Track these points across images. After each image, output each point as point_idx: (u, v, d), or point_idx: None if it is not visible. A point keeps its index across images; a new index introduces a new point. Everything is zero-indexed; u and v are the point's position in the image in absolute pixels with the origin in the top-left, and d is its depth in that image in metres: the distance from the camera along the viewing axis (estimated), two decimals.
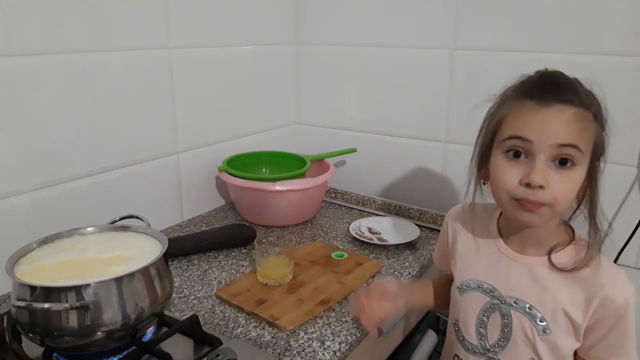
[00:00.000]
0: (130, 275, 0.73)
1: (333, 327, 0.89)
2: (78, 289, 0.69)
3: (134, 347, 0.77)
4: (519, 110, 0.71)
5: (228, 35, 1.34)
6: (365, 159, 1.50)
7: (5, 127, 0.93)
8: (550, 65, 0.74)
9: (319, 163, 1.43)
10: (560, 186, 0.69)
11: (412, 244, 1.20)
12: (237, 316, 0.92)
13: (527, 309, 0.78)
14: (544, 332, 0.77)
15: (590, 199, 0.74)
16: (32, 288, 0.69)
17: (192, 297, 0.98)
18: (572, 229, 0.80)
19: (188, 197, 1.33)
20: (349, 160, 1.55)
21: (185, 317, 0.84)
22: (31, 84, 0.95)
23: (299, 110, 1.63)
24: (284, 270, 1.01)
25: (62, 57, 0.99)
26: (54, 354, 0.76)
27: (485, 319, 0.83)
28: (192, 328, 0.81)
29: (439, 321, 1.26)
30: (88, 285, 0.69)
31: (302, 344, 0.84)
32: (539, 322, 0.77)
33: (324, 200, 1.48)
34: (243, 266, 1.10)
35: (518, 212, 0.73)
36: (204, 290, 1.00)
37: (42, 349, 0.75)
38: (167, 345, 0.78)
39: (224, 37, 1.33)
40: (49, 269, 0.76)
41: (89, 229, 0.87)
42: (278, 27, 1.50)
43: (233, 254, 1.16)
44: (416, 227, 1.26)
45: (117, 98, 1.10)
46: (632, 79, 1.07)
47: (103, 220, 0.92)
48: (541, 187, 0.69)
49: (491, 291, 0.82)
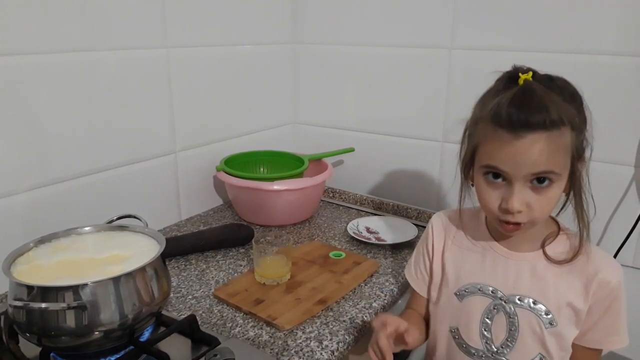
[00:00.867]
0: (128, 275, 0.73)
1: (331, 326, 0.89)
2: (75, 289, 0.69)
3: (131, 347, 0.77)
4: (493, 139, 0.71)
5: (226, 35, 1.34)
6: (363, 159, 1.50)
7: (2, 126, 0.93)
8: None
9: (317, 162, 1.42)
10: (539, 205, 0.72)
11: (409, 243, 1.20)
12: (235, 316, 0.91)
13: (532, 304, 0.78)
14: (551, 324, 0.78)
15: (575, 193, 0.76)
16: (29, 288, 0.69)
17: (190, 297, 0.97)
18: (555, 220, 0.82)
19: (186, 196, 1.33)
20: (346, 159, 1.54)
21: (183, 316, 0.84)
22: (28, 83, 0.95)
23: (297, 110, 1.62)
24: (282, 270, 1.01)
25: (60, 56, 0.99)
26: (51, 354, 0.76)
27: (489, 321, 0.82)
28: (189, 328, 0.81)
29: None
30: (85, 285, 0.69)
31: (300, 343, 0.84)
32: (545, 316, 0.78)
33: (321, 200, 1.48)
34: (241, 266, 1.10)
35: (501, 227, 0.76)
36: (201, 290, 1.00)
37: (39, 348, 0.75)
38: (164, 345, 0.78)
39: (222, 36, 1.33)
40: (46, 268, 0.76)
41: (86, 228, 0.86)
42: (276, 27, 1.50)
43: (231, 253, 1.16)
44: (414, 226, 1.26)
45: (114, 97, 1.10)
46: (630, 79, 1.08)
47: (100, 220, 0.92)
48: (520, 212, 0.71)
49: (492, 292, 0.82)
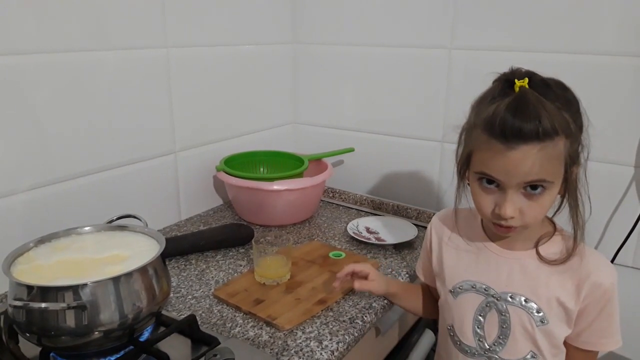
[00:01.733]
0: (128, 275, 0.73)
1: (331, 326, 0.89)
2: (75, 289, 0.69)
3: (131, 347, 0.77)
4: (487, 148, 0.71)
5: (226, 35, 1.34)
6: (363, 159, 1.50)
7: (2, 125, 0.93)
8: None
9: (317, 163, 1.42)
10: (531, 211, 0.73)
11: (409, 243, 1.20)
12: (235, 316, 0.91)
13: (523, 302, 0.79)
14: (542, 322, 0.78)
15: (569, 195, 0.76)
16: (29, 288, 0.69)
17: (190, 297, 0.97)
18: (552, 221, 0.83)
19: (185, 196, 1.33)
20: (346, 159, 1.54)
21: (183, 316, 0.84)
22: (28, 82, 0.95)
23: (297, 110, 1.62)
24: (282, 270, 1.01)
25: (60, 56, 0.99)
26: (51, 354, 0.76)
27: (481, 318, 0.83)
28: (189, 328, 0.81)
29: (436, 321, 1.26)
30: (85, 285, 0.69)
31: (300, 343, 0.84)
32: (536, 314, 0.78)
33: (321, 200, 1.48)
34: (241, 266, 1.10)
35: (495, 229, 0.78)
36: (201, 290, 1.00)
37: (39, 348, 0.75)
38: (164, 345, 0.78)
39: (222, 36, 1.33)
40: (46, 268, 0.76)
41: (86, 228, 0.86)
42: (276, 27, 1.50)
43: (231, 253, 1.16)
44: (414, 226, 1.26)
45: (114, 97, 1.10)
46: (630, 79, 1.08)
47: (100, 220, 0.92)
48: (512, 217, 0.73)
49: (485, 290, 0.83)
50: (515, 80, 0.70)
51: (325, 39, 1.50)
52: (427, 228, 0.96)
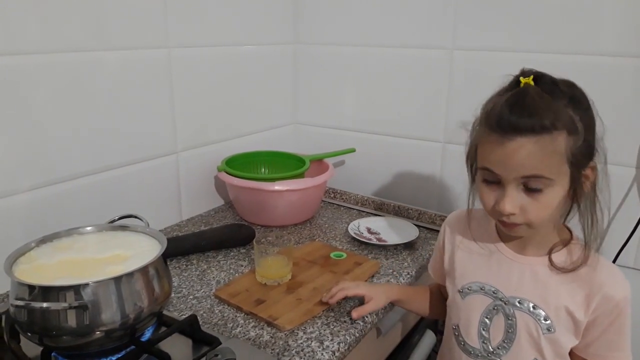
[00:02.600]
0: (129, 275, 0.73)
1: (332, 327, 0.89)
2: (77, 289, 0.69)
3: (132, 347, 0.77)
4: (486, 142, 0.72)
5: (227, 35, 1.34)
6: (364, 159, 1.50)
7: (3, 125, 0.93)
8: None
9: (318, 163, 1.43)
10: (532, 209, 0.72)
11: (410, 244, 1.20)
12: (236, 316, 0.91)
13: (531, 309, 0.79)
14: (549, 330, 0.78)
15: (578, 201, 0.75)
16: (31, 287, 0.69)
17: (191, 297, 0.97)
18: (569, 230, 0.81)
19: (187, 196, 1.33)
20: (348, 160, 1.55)
21: (184, 316, 0.84)
22: (30, 82, 0.95)
23: (298, 110, 1.62)
24: (283, 270, 1.01)
25: (61, 56, 0.99)
26: (52, 354, 0.76)
27: (488, 321, 0.83)
28: (190, 328, 0.81)
29: (437, 321, 1.26)
30: (87, 284, 0.69)
31: (301, 343, 0.84)
32: (543, 321, 0.78)
33: (322, 200, 1.48)
34: (242, 266, 1.10)
35: (501, 225, 0.78)
36: (202, 290, 1.00)
37: (41, 348, 0.75)
38: (165, 345, 0.78)
39: (223, 36, 1.33)
40: (47, 268, 0.76)
41: (88, 228, 0.87)
42: (277, 27, 1.50)
43: (232, 253, 1.16)
44: (415, 227, 1.26)
45: (116, 97, 1.10)
46: (630, 80, 1.08)
47: (102, 220, 0.92)
48: (513, 214, 0.72)
49: (494, 292, 0.82)
50: (521, 78, 0.71)
51: (326, 39, 1.50)
52: (441, 226, 0.96)
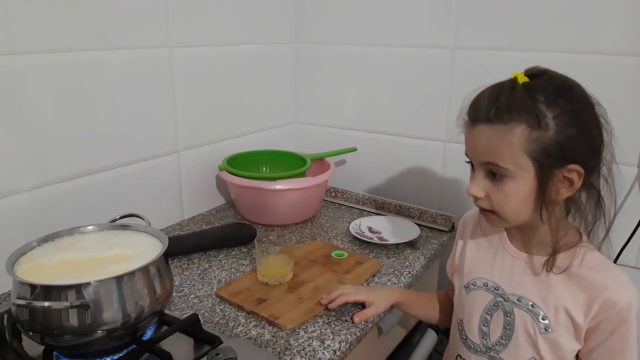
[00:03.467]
0: (131, 274, 0.73)
1: (333, 326, 0.89)
2: (78, 288, 0.69)
3: (134, 346, 0.77)
4: (465, 129, 0.77)
5: (229, 34, 1.34)
6: (365, 158, 1.50)
7: (4, 125, 0.93)
8: (551, 66, 0.74)
9: (319, 162, 1.43)
10: (495, 196, 0.75)
11: (412, 243, 1.20)
12: (237, 315, 0.92)
13: (530, 307, 0.79)
14: (546, 330, 0.77)
15: (573, 203, 0.75)
16: (32, 287, 0.69)
17: (192, 296, 0.98)
18: (580, 233, 0.79)
19: (188, 195, 1.33)
20: (349, 159, 1.55)
21: (186, 316, 0.84)
22: (31, 82, 0.95)
23: (299, 109, 1.63)
24: (284, 269, 1.01)
25: (63, 56, 0.99)
26: (54, 353, 0.76)
27: (488, 317, 0.83)
28: (192, 327, 0.81)
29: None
30: (88, 284, 0.69)
31: (302, 342, 0.84)
32: (541, 320, 0.78)
33: (324, 200, 1.48)
34: (243, 265, 1.10)
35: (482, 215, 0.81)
36: (204, 289, 1.00)
37: (42, 347, 0.75)
38: (167, 344, 0.78)
39: (225, 36, 1.33)
40: (49, 267, 0.76)
41: (89, 227, 0.87)
42: (278, 27, 1.50)
43: (233, 252, 1.16)
44: (416, 226, 1.26)
45: (117, 97, 1.10)
46: (631, 79, 1.07)
47: (103, 219, 0.92)
48: (478, 197, 0.76)
49: (495, 289, 0.83)
50: (514, 73, 0.73)
51: (327, 38, 1.50)
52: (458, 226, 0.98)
